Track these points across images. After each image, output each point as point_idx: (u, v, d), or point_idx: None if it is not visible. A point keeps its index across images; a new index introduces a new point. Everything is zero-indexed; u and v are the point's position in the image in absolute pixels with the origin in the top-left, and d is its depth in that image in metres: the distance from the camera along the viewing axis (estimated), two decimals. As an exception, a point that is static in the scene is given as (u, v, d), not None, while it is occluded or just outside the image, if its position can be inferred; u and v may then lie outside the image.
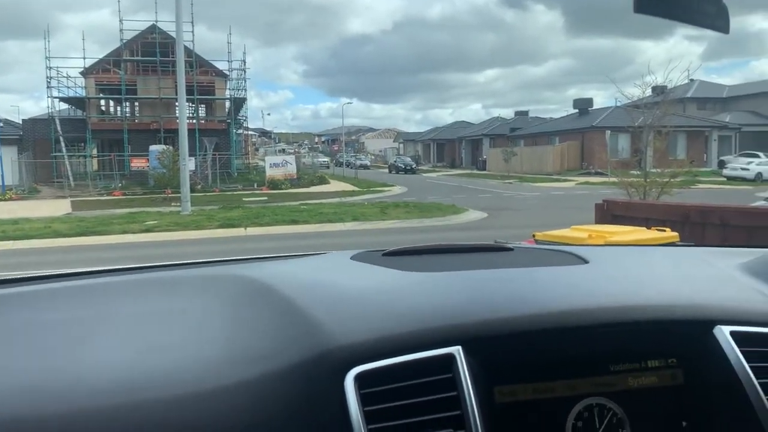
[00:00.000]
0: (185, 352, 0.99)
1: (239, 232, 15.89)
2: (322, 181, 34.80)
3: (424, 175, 49.93)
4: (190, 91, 29.05)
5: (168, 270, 1.45)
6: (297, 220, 17.20)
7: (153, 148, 29.93)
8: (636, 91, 18.76)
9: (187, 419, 0.86)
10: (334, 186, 32.73)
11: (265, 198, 25.21)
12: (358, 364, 0.91)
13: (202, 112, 38.76)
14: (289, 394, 0.89)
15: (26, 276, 1.36)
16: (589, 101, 51.06)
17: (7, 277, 1.36)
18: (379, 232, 15.54)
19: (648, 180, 15.07)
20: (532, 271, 1.33)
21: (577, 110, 51.01)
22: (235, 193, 28.19)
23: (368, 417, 0.88)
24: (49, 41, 32.05)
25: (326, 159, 73.28)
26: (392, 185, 33.07)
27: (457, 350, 0.93)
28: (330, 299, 1.13)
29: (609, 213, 9.04)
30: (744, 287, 1.23)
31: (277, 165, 32.84)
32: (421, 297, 1.13)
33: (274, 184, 30.36)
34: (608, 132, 38.02)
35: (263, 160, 41.43)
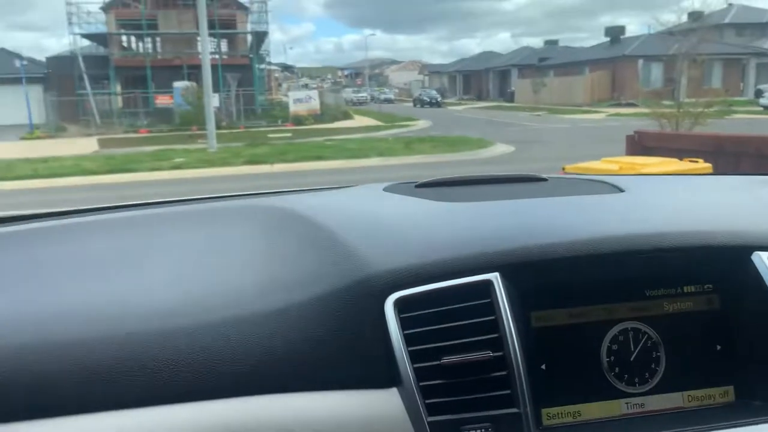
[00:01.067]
0: (225, 279, 1.03)
1: (265, 168, 15.97)
2: (346, 116, 34.55)
3: (450, 108, 49.16)
4: (211, 25, 28.59)
5: (204, 203, 1.48)
6: (322, 156, 17.20)
7: (177, 84, 29.84)
8: (671, 18, 18.04)
9: (228, 343, 0.89)
10: (358, 121, 32.50)
11: (290, 134, 25.16)
12: (398, 290, 0.93)
13: (224, 47, 38.31)
14: (329, 318, 0.92)
15: (71, 210, 1.40)
16: (621, 29, 49.32)
17: (54, 210, 1.41)
18: (405, 167, 15.48)
19: (681, 110, 14.65)
20: (567, 199, 1.33)
21: (608, 39, 49.31)
22: (260, 129, 28.15)
23: (408, 339, 0.90)
24: (68, -25, 31.64)
25: (364, 95, 63.39)
26: (417, 119, 32.69)
27: (494, 276, 0.95)
28: (366, 228, 1.15)
29: (640, 145, 8.87)
30: None
31: (301, 101, 32.58)
32: (458, 225, 1.14)
33: (298, 120, 30.22)
34: (641, 61, 36.89)
35: (287, 95, 41.11)
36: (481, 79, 64.91)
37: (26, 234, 1.27)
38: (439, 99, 53.45)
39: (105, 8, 33.79)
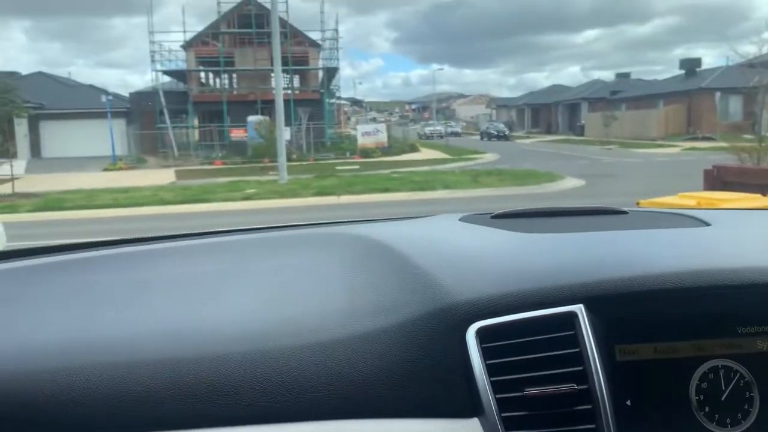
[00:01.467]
0: (308, 305, 1.05)
1: (333, 200, 16.23)
2: (413, 149, 34.80)
3: (517, 141, 48.78)
4: (284, 61, 29.65)
5: (285, 230, 1.53)
6: (389, 188, 17.35)
7: (251, 118, 30.90)
8: (751, 49, 17.41)
9: (311, 367, 0.90)
10: (425, 154, 32.65)
11: (357, 166, 25.53)
12: (479, 320, 0.93)
13: (296, 82, 39.53)
14: (410, 346, 0.92)
15: (164, 235, 1.48)
16: (697, 61, 47.85)
17: (148, 236, 1.49)
18: (472, 200, 15.40)
19: (763, 144, 14.01)
20: (651, 232, 1.29)
21: (683, 71, 47.95)
22: (328, 161, 28.72)
23: (490, 370, 0.90)
24: (151, 16, 33.70)
25: (440, 128, 57.96)
26: (484, 152, 32.58)
27: (579, 308, 0.94)
28: (445, 257, 1.15)
29: (719, 180, 8.52)
30: None
31: (369, 134, 33.10)
32: (539, 256, 1.13)
33: (365, 152, 30.68)
34: (718, 94, 35.63)
35: (355, 129, 41.83)
36: (550, 113, 64.19)
37: (126, 257, 1.34)
38: (506, 132, 53.09)
39: (185, 46, 35.57)
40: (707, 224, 1.34)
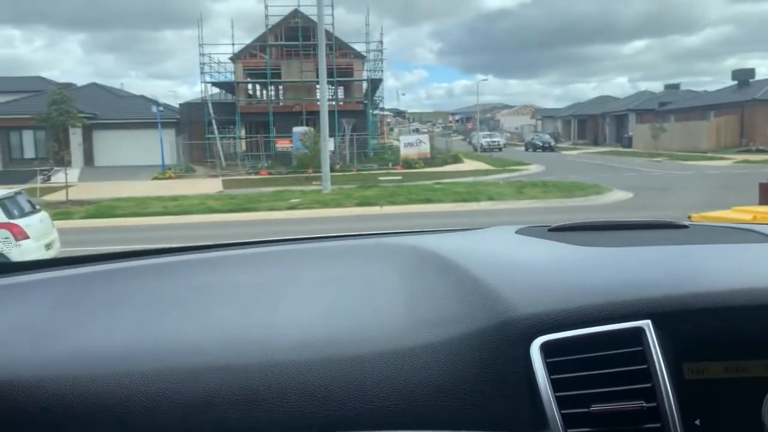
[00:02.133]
0: (368, 315, 1.05)
1: (375, 210, 16.32)
2: (456, 160, 34.68)
3: (563, 153, 48.13)
4: (329, 73, 30.03)
5: (339, 240, 1.53)
6: (431, 198, 17.33)
7: (296, 129, 31.35)
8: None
9: (372, 377, 0.90)
10: (468, 165, 32.51)
11: (400, 177, 25.60)
12: (543, 334, 0.92)
13: (340, 93, 39.93)
14: (473, 359, 0.92)
15: (220, 243, 1.49)
16: (750, 72, 46.46)
17: (205, 244, 1.51)
18: (517, 212, 15.26)
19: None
20: (716, 247, 1.26)
21: (736, 82, 46.61)
22: (371, 172, 28.88)
23: (555, 384, 0.88)
24: (201, 29, 34.66)
25: (498, 139, 54.84)
26: (529, 164, 32.26)
27: (646, 324, 0.92)
28: (505, 270, 1.14)
29: (776, 193, 8.23)
30: None
31: (411, 144, 33.15)
32: (603, 270, 1.11)
33: (408, 163, 30.72)
34: (773, 105, 34.38)
35: (398, 139, 41.95)
36: (596, 124, 63.14)
37: (184, 264, 1.36)
38: (552, 143, 52.37)
39: (234, 58, 36.35)
40: None
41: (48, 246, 9.71)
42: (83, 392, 0.90)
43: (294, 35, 35.01)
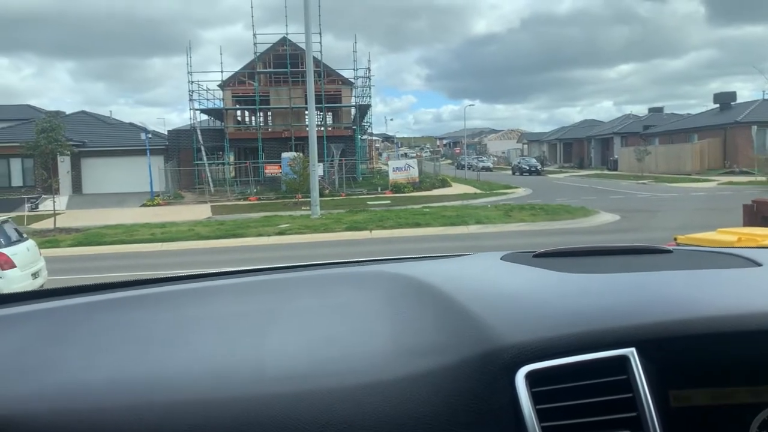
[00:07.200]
0: (354, 345, 1.04)
1: (365, 234, 16.31)
2: (444, 184, 34.84)
3: (550, 176, 48.50)
4: (318, 99, 30.25)
5: (324, 268, 1.52)
6: (420, 223, 17.36)
7: (285, 155, 31.42)
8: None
9: (356, 409, 0.90)
10: (456, 189, 32.65)
11: (389, 201, 25.66)
12: (528, 363, 0.91)
13: (329, 119, 40.17)
14: (458, 388, 0.91)
15: (207, 273, 1.49)
16: (731, 95, 47.27)
17: (187, 274, 1.50)
18: (505, 235, 15.32)
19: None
20: (701, 273, 1.27)
21: (718, 105, 47.37)
22: (360, 197, 28.94)
23: (541, 415, 0.88)
24: (190, 57, 34.71)
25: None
26: (516, 187, 32.46)
27: (630, 352, 0.92)
28: (490, 298, 1.14)
29: (759, 215, 8.35)
30: None
31: (400, 169, 33.30)
32: (587, 298, 1.11)
33: (397, 187, 30.84)
34: (755, 127, 35.05)
35: (386, 164, 42.12)
36: (582, 147, 63.77)
37: (168, 296, 1.35)
38: (538, 167, 52.80)
39: (222, 85, 36.52)
40: (758, 264, 1.30)
41: (35, 275, 9.61)
42: (65, 428, 0.89)
43: (282, 62, 35.27)
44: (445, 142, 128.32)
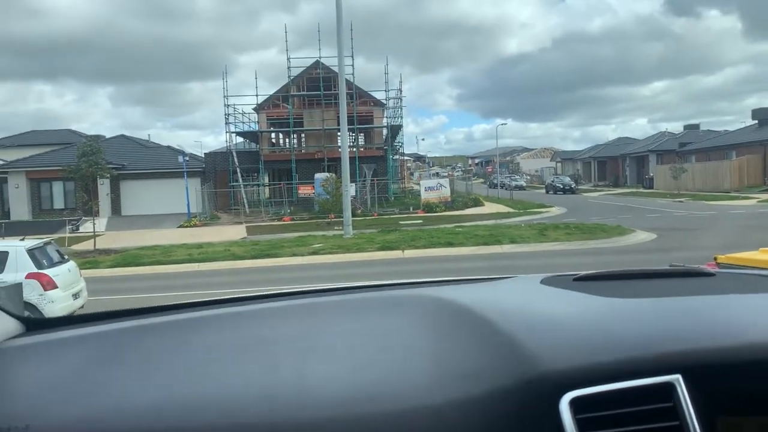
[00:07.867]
0: (395, 369, 1.04)
1: (397, 254, 16.31)
2: (476, 203, 34.70)
3: (584, 194, 47.93)
4: (350, 121, 30.55)
5: (364, 291, 1.53)
6: (452, 242, 17.29)
7: (318, 176, 31.75)
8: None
9: None
10: (489, 208, 32.48)
11: (421, 221, 25.64)
12: (572, 389, 0.91)
13: (361, 140, 40.48)
14: (501, 414, 0.91)
15: (246, 296, 1.50)
16: (771, 110, 46.26)
17: (227, 297, 1.51)
18: (539, 255, 15.15)
19: None
20: (747, 297, 1.25)
21: (756, 121, 46.38)
22: (392, 216, 28.99)
23: None
24: (226, 81, 35.39)
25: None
26: (550, 206, 32.13)
27: (676, 379, 0.91)
28: (532, 323, 1.14)
29: (803, 233, 8.11)
30: None
31: (432, 188, 33.32)
32: (630, 323, 1.10)
33: (428, 207, 30.83)
34: (797, 143, 34.03)
35: (418, 184, 42.18)
36: (617, 165, 62.92)
37: (212, 320, 1.35)
38: (573, 185, 52.24)
39: (257, 108, 37.16)
40: None
41: (75, 295, 9.83)
42: None
43: (316, 85, 35.79)
44: (477, 161, 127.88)
